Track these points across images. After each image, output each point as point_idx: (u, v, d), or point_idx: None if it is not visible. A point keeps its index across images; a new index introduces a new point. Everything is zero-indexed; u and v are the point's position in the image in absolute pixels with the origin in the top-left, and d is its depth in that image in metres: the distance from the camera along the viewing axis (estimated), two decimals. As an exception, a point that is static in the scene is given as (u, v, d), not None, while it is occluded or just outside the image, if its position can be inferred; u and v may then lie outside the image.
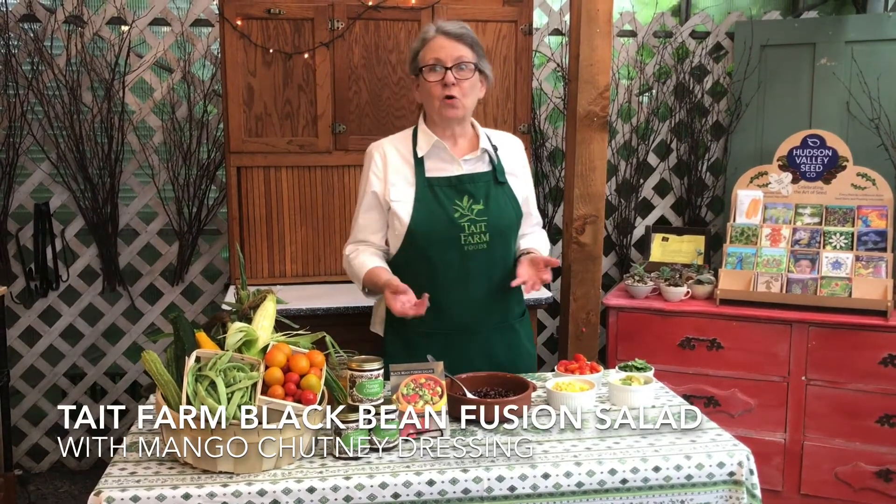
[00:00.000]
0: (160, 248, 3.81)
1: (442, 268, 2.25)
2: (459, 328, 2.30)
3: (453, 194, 2.26)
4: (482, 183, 2.29)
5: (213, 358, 1.69)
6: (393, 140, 2.37)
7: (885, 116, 3.67)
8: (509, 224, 2.31)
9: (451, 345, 2.27)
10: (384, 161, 2.31)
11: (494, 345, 2.33)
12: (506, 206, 2.30)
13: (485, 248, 2.26)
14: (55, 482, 3.79)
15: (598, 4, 3.05)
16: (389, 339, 2.36)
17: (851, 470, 3.20)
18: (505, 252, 2.32)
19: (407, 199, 2.26)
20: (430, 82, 2.23)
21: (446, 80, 2.21)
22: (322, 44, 3.25)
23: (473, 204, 2.25)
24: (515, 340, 2.39)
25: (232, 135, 3.25)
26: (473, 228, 2.24)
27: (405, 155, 2.31)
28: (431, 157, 2.29)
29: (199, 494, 1.60)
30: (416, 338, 2.29)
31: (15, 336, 3.71)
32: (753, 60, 3.89)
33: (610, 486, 1.72)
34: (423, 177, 2.27)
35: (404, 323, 2.28)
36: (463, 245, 2.24)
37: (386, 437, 1.78)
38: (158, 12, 3.63)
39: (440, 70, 2.22)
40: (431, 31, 2.26)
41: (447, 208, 2.24)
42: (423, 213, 2.24)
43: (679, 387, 3.25)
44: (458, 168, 2.29)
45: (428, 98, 2.26)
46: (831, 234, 3.41)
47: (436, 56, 2.22)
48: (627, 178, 4.11)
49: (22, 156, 3.61)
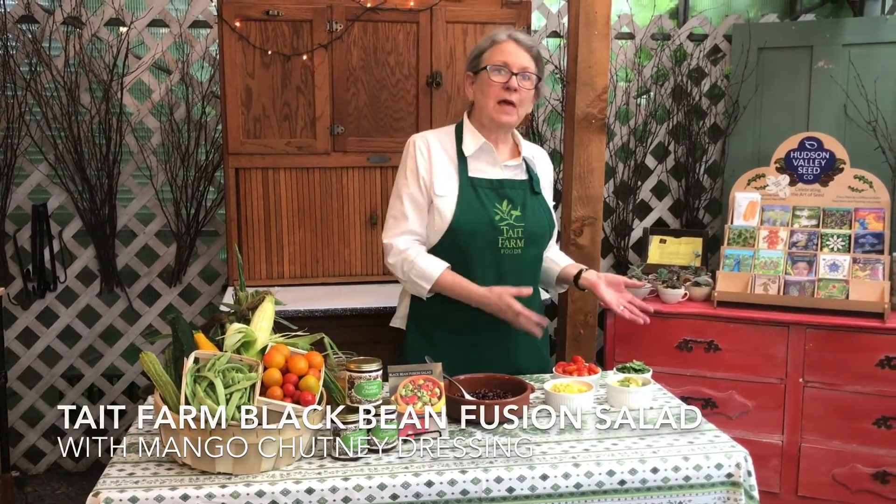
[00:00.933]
0: (158, 250, 3.81)
1: (477, 268, 2.26)
2: (487, 330, 2.30)
3: (494, 197, 2.28)
4: (520, 190, 2.32)
5: (211, 359, 1.69)
6: (436, 133, 2.36)
7: (882, 119, 3.68)
8: (543, 233, 2.35)
9: (475, 345, 2.28)
10: (429, 152, 2.29)
11: (516, 349, 2.34)
12: (541, 215, 2.34)
13: (519, 253, 2.28)
14: (52, 484, 3.79)
15: (596, 7, 3.05)
16: (411, 334, 2.37)
17: (848, 472, 3.20)
18: (536, 259, 2.37)
19: (451, 195, 2.25)
20: (493, 82, 2.23)
21: (510, 84, 2.22)
22: (320, 45, 3.25)
23: (512, 209, 2.28)
24: (532, 345, 2.39)
25: (230, 136, 3.25)
26: (511, 233, 2.27)
27: (448, 150, 2.31)
28: (475, 158, 2.30)
29: (198, 495, 1.60)
30: (442, 334, 2.31)
31: (12, 337, 3.70)
32: (751, 63, 3.90)
33: (608, 488, 1.73)
34: (466, 175, 2.28)
35: (431, 320, 2.32)
36: (500, 248, 2.26)
37: (384, 438, 1.78)
38: (157, 13, 3.64)
39: (505, 73, 2.23)
40: (503, 35, 2.26)
41: (489, 209, 2.26)
42: (466, 211, 2.24)
43: (677, 388, 3.25)
44: (499, 172, 2.31)
45: (484, 98, 2.26)
46: (828, 237, 3.42)
47: (505, 59, 2.23)
48: (625, 180, 4.11)
49: (20, 157, 3.60)
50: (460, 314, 2.27)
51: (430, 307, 2.32)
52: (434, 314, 2.32)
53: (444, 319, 2.29)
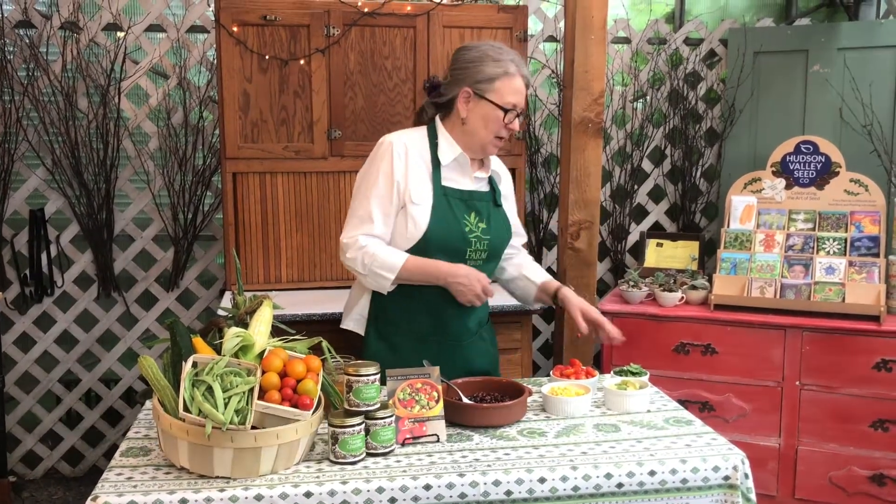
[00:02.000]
0: (155, 254, 3.81)
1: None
2: (452, 337, 2.33)
3: (464, 208, 2.28)
4: (485, 202, 2.33)
5: (210, 363, 1.69)
6: (410, 136, 2.30)
7: (877, 123, 3.70)
8: (503, 246, 2.41)
9: (440, 353, 2.26)
10: (407, 156, 2.24)
11: (474, 354, 2.38)
12: (502, 228, 2.37)
13: (480, 265, 2.30)
14: (49, 489, 3.78)
15: (593, 11, 3.06)
16: (371, 339, 2.34)
17: (845, 474, 3.21)
18: (493, 269, 2.41)
19: (426, 204, 2.23)
20: (507, 125, 2.23)
21: (513, 127, 2.24)
22: (318, 50, 3.26)
23: (479, 222, 2.29)
24: (485, 348, 2.44)
25: (228, 141, 3.26)
26: (478, 245, 2.28)
27: (424, 155, 2.28)
28: (449, 167, 2.29)
29: (196, 499, 1.60)
30: (404, 341, 2.30)
31: (10, 342, 3.70)
32: (747, 67, 3.92)
33: (606, 490, 1.73)
34: (439, 184, 2.26)
35: (392, 325, 2.31)
36: (466, 260, 2.27)
37: (382, 442, 1.78)
38: (154, 18, 3.64)
39: (513, 114, 2.23)
40: (513, 68, 2.22)
41: (460, 221, 2.26)
42: (440, 221, 2.24)
43: (674, 392, 3.26)
44: (469, 183, 2.31)
45: (484, 129, 2.24)
46: (824, 240, 3.43)
47: (516, 101, 2.23)
48: (622, 184, 4.12)
49: (17, 162, 3.60)
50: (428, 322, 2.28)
51: (394, 309, 2.30)
52: (397, 318, 2.31)
53: (413, 327, 2.30)
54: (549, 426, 1.97)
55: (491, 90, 2.21)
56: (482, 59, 2.22)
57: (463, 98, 2.24)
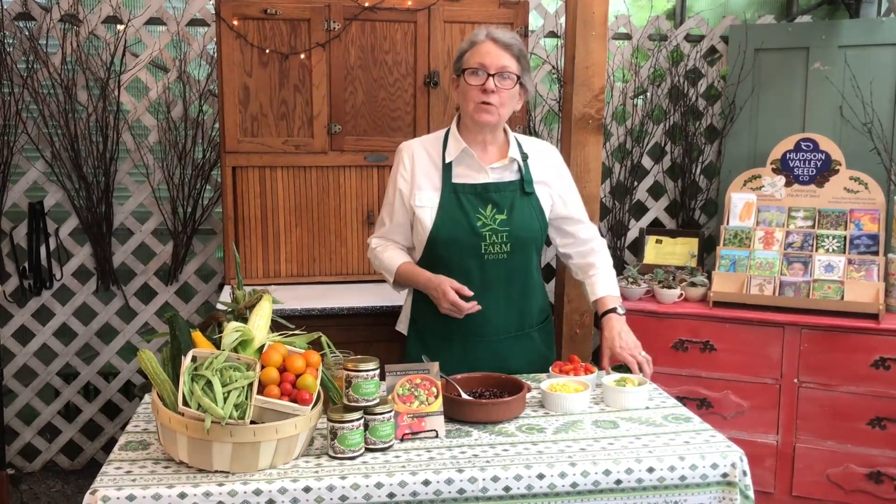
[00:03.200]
0: (154, 248, 3.80)
1: (461, 275, 2.25)
2: (476, 335, 2.31)
3: (478, 202, 2.27)
4: (508, 192, 2.29)
5: (209, 357, 1.69)
6: (424, 141, 2.38)
7: (877, 120, 3.69)
8: (532, 235, 2.32)
9: (468, 351, 2.29)
10: (412, 163, 2.31)
11: (509, 352, 2.34)
12: (530, 216, 2.31)
13: (505, 258, 2.28)
14: (47, 482, 3.78)
15: (594, 7, 3.06)
16: (412, 339, 2.40)
17: (843, 472, 3.22)
18: (526, 262, 2.33)
19: (431, 205, 2.27)
20: (470, 85, 2.22)
21: (486, 87, 2.20)
22: (318, 44, 3.25)
23: (497, 213, 2.27)
24: (531, 347, 2.40)
25: (227, 134, 3.25)
26: (495, 238, 2.26)
27: (434, 158, 2.31)
28: (459, 163, 2.29)
29: (195, 493, 1.60)
30: (436, 341, 2.33)
31: (8, 335, 3.70)
32: (747, 64, 3.91)
33: (604, 487, 1.73)
34: (449, 182, 2.28)
35: (425, 326, 2.35)
36: (483, 254, 2.26)
37: (381, 437, 1.78)
38: (154, 11, 3.63)
39: (482, 75, 2.20)
40: (482, 36, 2.24)
41: (470, 216, 2.25)
42: (445, 220, 2.25)
43: (672, 388, 3.26)
44: (484, 176, 2.29)
45: (464, 100, 2.25)
46: (824, 238, 3.43)
47: (481, 61, 2.20)
48: (622, 180, 4.12)
49: (16, 154, 3.60)
50: (451, 320, 2.27)
51: (424, 310, 2.34)
52: (427, 318, 2.34)
53: (440, 326, 2.31)
54: (547, 422, 1.98)
55: (462, 64, 2.25)
56: (460, 46, 2.32)
57: (454, 88, 2.32)
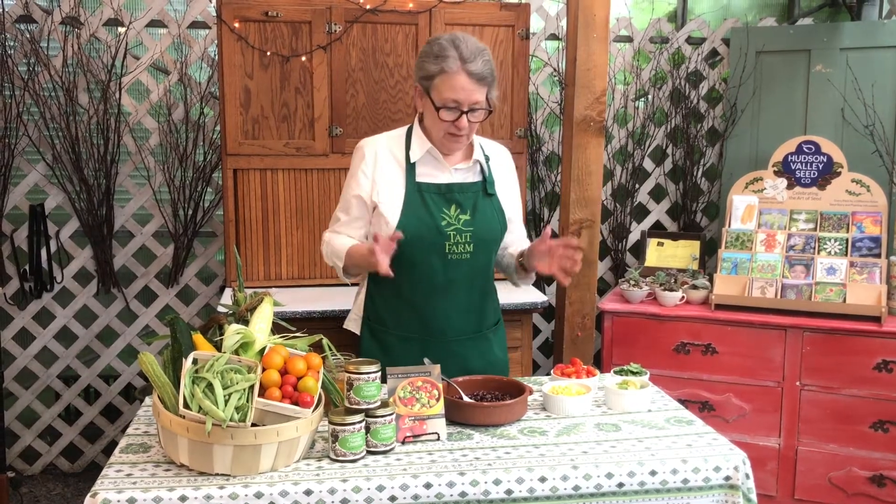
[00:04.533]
0: (155, 251, 3.80)
1: (424, 274, 2.24)
2: (437, 335, 2.30)
3: (441, 202, 2.25)
4: (471, 193, 2.28)
5: (210, 360, 1.69)
6: (386, 139, 2.33)
7: (879, 123, 3.69)
8: (493, 236, 2.32)
9: (427, 351, 2.23)
10: (375, 160, 2.28)
11: (468, 353, 2.33)
12: (492, 218, 2.30)
13: (468, 258, 2.26)
14: (48, 484, 3.78)
15: (595, 10, 3.06)
16: (366, 339, 2.36)
17: (845, 475, 3.21)
18: (486, 263, 2.33)
19: (395, 202, 2.23)
20: (442, 121, 2.16)
21: (460, 125, 2.15)
22: (319, 47, 3.25)
23: (461, 214, 2.25)
24: (487, 348, 2.39)
25: (228, 137, 3.25)
26: (458, 238, 2.24)
27: (397, 156, 2.28)
28: (423, 163, 2.27)
29: (196, 496, 1.60)
30: (393, 340, 2.30)
31: (9, 337, 3.69)
32: (749, 66, 3.91)
33: (606, 490, 1.73)
34: (413, 181, 2.25)
35: (381, 324, 2.32)
36: (447, 253, 2.24)
37: (383, 440, 1.78)
38: (155, 14, 3.63)
39: (455, 112, 2.14)
40: (455, 65, 2.10)
41: (435, 215, 2.23)
42: (410, 217, 2.22)
43: (674, 391, 3.26)
44: (448, 176, 2.27)
45: (434, 124, 2.20)
46: (826, 240, 3.43)
47: (455, 98, 2.12)
48: (623, 182, 4.12)
49: (17, 157, 3.60)
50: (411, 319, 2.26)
51: (381, 308, 2.31)
52: (384, 316, 2.31)
53: (398, 325, 2.29)
54: (549, 425, 1.97)
55: (431, 87, 2.16)
56: (426, 55, 2.17)
57: (417, 94, 2.24)
